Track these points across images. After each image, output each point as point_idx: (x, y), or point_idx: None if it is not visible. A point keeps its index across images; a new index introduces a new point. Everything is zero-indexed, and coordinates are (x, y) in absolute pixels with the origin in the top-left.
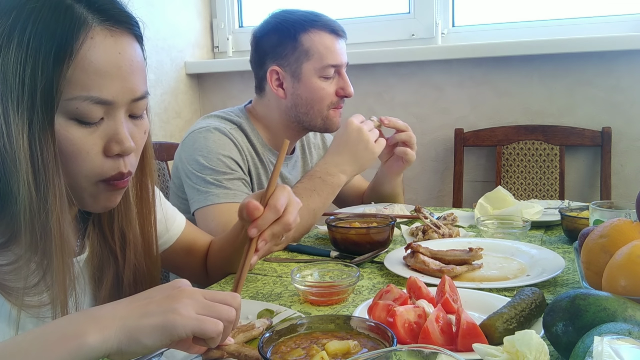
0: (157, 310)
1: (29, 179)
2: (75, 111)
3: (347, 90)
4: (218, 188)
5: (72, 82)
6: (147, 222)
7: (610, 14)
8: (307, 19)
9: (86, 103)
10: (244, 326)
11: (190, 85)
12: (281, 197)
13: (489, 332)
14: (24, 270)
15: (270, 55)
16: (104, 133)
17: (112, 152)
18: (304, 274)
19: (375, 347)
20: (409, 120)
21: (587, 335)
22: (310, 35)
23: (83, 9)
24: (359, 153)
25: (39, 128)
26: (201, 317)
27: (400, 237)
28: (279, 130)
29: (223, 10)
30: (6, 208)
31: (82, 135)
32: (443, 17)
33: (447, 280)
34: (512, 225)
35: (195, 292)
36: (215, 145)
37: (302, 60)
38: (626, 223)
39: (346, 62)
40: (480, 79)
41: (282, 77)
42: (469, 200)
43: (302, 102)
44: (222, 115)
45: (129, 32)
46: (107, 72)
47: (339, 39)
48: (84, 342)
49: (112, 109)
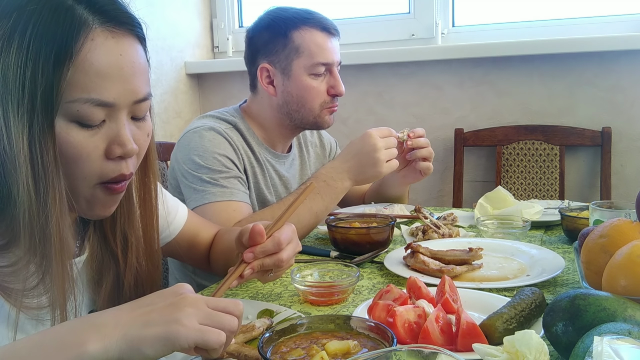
0: (159, 320)
1: (29, 182)
2: (76, 114)
3: (338, 88)
4: (214, 187)
5: (73, 84)
6: (149, 225)
7: (610, 14)
8: (299, 16)
9: (87, 105)
10: (244, 327)
11: (190, 85)
12: (285, 233)
13: (488, 332)
14: (23, 272)
15: (261, 52)
16: (105, 135)
17: (114, 154)
18: (304, 274)
19: (375, 347)
20: (409, 120)
21: (587, 335)
22: (301, 33)
23: (84, 10)
24: (366, 168)
25: (39, 131)
26: (204, 328)
27: (400, 237)
28: (273, 128)
29: (223, 10)
30: (6, 210)
31: (83, 138)
32: (443, 17)
33: (447, 280)
34: (512, 225)
35: (198, 300)
36: (210, 144)
37: (292, 57)
38: (626, 223)
39: (338, 60)
40: (480, 79)
41: (272, 74)
42: (469, 200)
43: (292, 100)
44: (217, 115)
45: (131, 34)
46: (108, 74)
47: (331, 37)
48: (84, 351)
49: (114, 111)
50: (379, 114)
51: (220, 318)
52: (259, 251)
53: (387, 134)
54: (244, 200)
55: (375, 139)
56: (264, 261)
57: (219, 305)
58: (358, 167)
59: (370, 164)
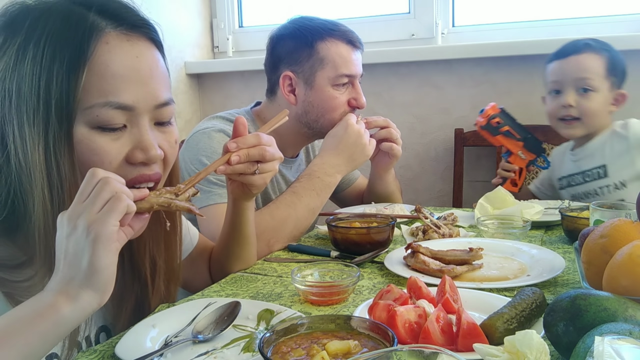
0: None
1: (44, 193)
2: (96, 119)
3: (360, 101)
4: (221, 188)
5: (90, 89)
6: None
7: (610, 14)
8: (325, 27)
9: (106, 109)
10: (172, 188)
11: (190, 85)
12: (265, 135)
13: (489, 332)
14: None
15: (285, 60)
16: (128, 141)
17: (136, 159)
18: (304, 274)
19: (375, 347)
20: (409, 120)
21: (588, 335)
22: (326, 44)
23: (95, 16)
24: (355, 155)
25: (54, 139)
26: (104, 213)
27: (400, 237)
28: (287, 135)
29: (223, 10)
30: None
31: (104, 143)
32: (443, 17)
33: (447, 280)
34: (512, 225)
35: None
36: (219, 146)
37: (316, 68)
38: (626, 223)
39: (361, 73)
40: (480, 79)
41: (294, 83)
42: (469, 200)
43: (313, 110)
44: (226, 116)
45: (146, 37)
46: (124, 76)
47: (355, 50)
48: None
49: (135, 115)
50: (379, 114)
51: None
52: (242, 141)
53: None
54: None
55: (356, 126)
56: (249, 151)
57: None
58: (348, 157)
59: (359, 150)
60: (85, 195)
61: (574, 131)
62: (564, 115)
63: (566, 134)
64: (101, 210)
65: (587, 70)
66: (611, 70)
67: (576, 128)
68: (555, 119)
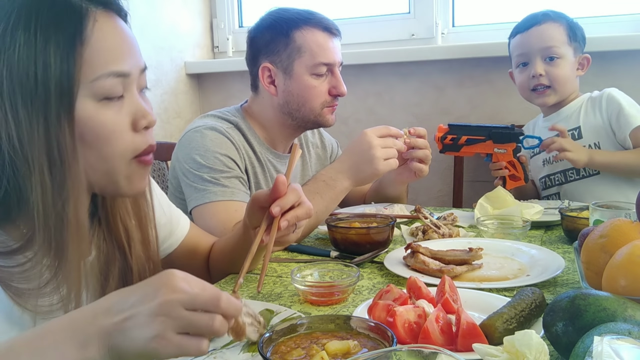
0: (138, 335)
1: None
2: (102, 90)
3: (340, 89)
4: (216, 186)
5: (91, 63)
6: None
7: (610, 14)
8: (300, 16)
9: (110, 79)
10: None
11: (190, 85)
12: (298, 185)
13: (489, 332)
14: (37, 268)
15: (263, 51)
16: (127, 109)
17: (140, 126)
18: (304, 274)
19: (375, 347)
20: (409, 120)
21: (587, 335)
22: (302, 32)
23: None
24: (362, 166)
25: (55, 119)
26: (183, 341)
27: (400, 237)
28: (274, 128)
29: (223, 10)
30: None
31: (112, 114)
32: (443, 17)
33: (447, 280)
34: (512, 225)
35: (174, 304)
36: (212, 143)
37: (294, 57)
38: (626, 223)
39: (340, 61)
40: (480, 79)
41: (273, 74)
42: (469, 200)
43: (293, 99)
44: (218, 114)
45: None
46: (118, 47)
47: (332, 37)
48: None
49: (129, 83)
50: (379, 114)
51: (198, 323)
52: (284, 202)
53: (384, 132)
54: (245, 201)
55: (370, 137)
56: (296, 212)
57: (196, 303)
58: (355, 166)
59: (367, 161)
60: (198, 304)
61: (547, 99)
62: (535, 85)
63: (540, 102)
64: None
65: (551, 38)
66: (572, 37)
67: (549, 96)
68: (528, 90)
